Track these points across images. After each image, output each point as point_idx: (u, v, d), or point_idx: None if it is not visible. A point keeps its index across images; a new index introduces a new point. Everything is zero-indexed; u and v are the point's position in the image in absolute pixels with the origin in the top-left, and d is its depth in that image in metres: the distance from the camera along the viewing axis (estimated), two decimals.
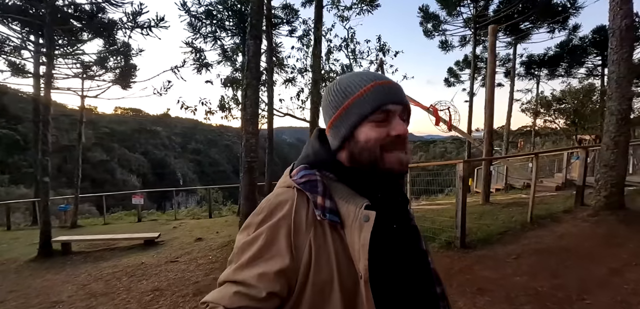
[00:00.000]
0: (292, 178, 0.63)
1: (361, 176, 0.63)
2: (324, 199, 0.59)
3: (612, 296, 2.83)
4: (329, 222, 0.58)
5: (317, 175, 0.62)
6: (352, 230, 0.57)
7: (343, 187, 0.63)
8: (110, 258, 6.77)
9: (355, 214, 0.58)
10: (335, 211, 0.59)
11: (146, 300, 4.32)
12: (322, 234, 0.58)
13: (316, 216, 0.58)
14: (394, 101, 0.62)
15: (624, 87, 4.84)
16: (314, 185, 0.60)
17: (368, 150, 0.61)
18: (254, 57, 5.37)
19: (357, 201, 0.60)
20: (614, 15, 4.93)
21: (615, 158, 4.87)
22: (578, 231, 4.60)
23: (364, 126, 0.62)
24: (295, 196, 0.60)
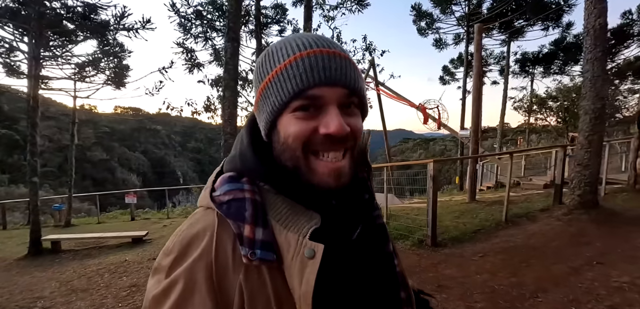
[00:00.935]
0: (214, 195, 0.47)
1: (301, 183, 0.47)
2: (253, 229, 0.44)
3: (564, 295, 2.88)
4: (260, 262, 0.43)
5: (247, 189, 0.46)
6: (291, 269, 0.44)
7: (282, 202, 0.47)
8: (98, 256, 6.91)
9: (296, 246, 0.44)
10: (270, 243, 0.44)
11: (122, 296, 4.45)
12: (256, 276, 0.44)
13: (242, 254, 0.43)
14: (326, 82, 0.44)
15: (598, 86, 4.85)
16: (240, 206, 0.45)
17: (288, 150, 0.46)
18: (232, 58, 5.44)
19: (300, 223, 0.46)
20: (589, 15, 4.94)
21: (589, 157, 4.90)
22: (549, 229, 4.64)
23: (284, 116, 0.46)
24: (215, 224, 0.45)
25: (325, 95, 0.44)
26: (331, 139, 0.44)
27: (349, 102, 0.46)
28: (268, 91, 0.46)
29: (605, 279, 3.04)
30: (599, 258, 3.53)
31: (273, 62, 0.46)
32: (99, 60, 12.21)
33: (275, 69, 0.45)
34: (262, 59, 0.48)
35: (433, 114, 10.28)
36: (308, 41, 0.46)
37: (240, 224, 0.43)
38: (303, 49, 0.45)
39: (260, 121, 0.49)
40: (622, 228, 4.29)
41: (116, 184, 30.87)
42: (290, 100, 0.44)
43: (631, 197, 5.97)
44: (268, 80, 0.46)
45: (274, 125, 0.47)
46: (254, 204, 0.45)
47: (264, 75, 0.47)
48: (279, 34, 11.12)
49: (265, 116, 0.47)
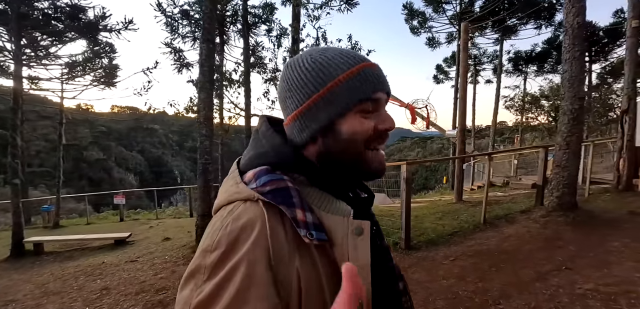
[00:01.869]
0: (251, 186, 0.47)
1: (336, 177, 0.52)
2: (304, 213, 0.46)
3: (527, 302, 2.82)
4: (317, 242, 0.45)
5: (286, 179, 0.48)
6: (343, 247, 0.46)
7: (315, 192, 0.51)
8: (79, 258, 6.86)
9: (344, 227, 0.47)
10: (320, 226, 0.46)
11: (92, 299, 4.42)
12: (309, 259, 0.45)
13: (300, 236, 0.44)
14: (383, 89, 0.52)
15: (576, 86, 4.79)
16: (286, 195, 0.46)
17: (353, 145, 0.51)
18: (207, 60, 5.38)
19: (339, 207, 0.50)
20: (567, 13, 4.88)
21: (567, 158, 4.84)
22: (525, 232, 4.58)
23: (349, 117, 0.50)
24: (264, 212, 0.45)
25: (382, 98, 0.52)
26: (384, 135, 0.53)
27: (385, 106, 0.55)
28: (333, 95, 0.50)
29: (570, 285, 2.98)
30: (569, 262, 3.48)
31: (331, 71, 0.50)
32: (89, 60, 12.18)
33: (339, 77, 0.50)
34: (309, 67, 0.51)
35: (422, 113, 10.21)
36: (358, 55, 0.53)
37: (293, 208, 0.45)
38: (360, 61, 0.52)
39: (306, 123, 0.52)
40: (598, 231, 4.23)
41: (113, 183, 30.83)
42: (359, 102, 0.50)
43: (613, 198, 5.90)
44: (331, 86, 0.50)
45: (332, 126, 0.51)
46: (298, 192, 0.48)
47: (321, 82, 0.50)
48: (266, 34, 11.05)
49: (325, 118, 0.50)
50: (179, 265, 5.27)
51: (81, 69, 11.38)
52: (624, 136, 6.08)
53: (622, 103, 6.18)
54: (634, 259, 3.32)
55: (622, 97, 6.15)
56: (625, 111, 6.09)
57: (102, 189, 26.14)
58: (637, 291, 2.70)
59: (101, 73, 12.37)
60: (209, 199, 5.71)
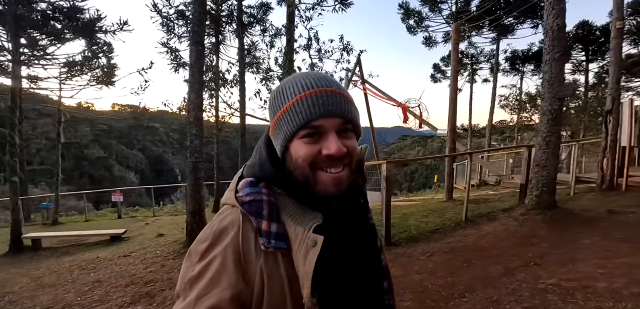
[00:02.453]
0: (237, 196, 0.58)
1: (305, 190, 0.59)
2: (269, 224, 0.55)
3: (489, 296, 2.95)
4: (274, 249, 0.55)
5: (264, 193, 0.58)
6: (298, 254, 0.54)
7: (293, 204, 0.58)
8: (75, 253, 7.05)
9: (302, 237, 0.55)
10: (283, 235, 0.56)
11: (84, 290, 4.60)
12: (273, 260, 0.55)
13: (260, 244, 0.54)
14: (326, 114, 0.56)
15: (555, 87, 4.88)
16: (258, 206, 0.56)
17: (299, 168, 0.57)
18: (196, 62, 5.51)
19: (306, 219, 0.56)
20: (548, 15, 4.97)
21: (546, 158, 4.94)
22: (503, 230, 4.70)
23: (294, 142, 0.57)
24: (240, 219, 0.56)
25: (325, 124, 0.56)
26: (332, 158, 0.56)
27: (345, 128, 0.58)
28: (281, 122, 0.58)
29: (534, 280, 3.10)
30: (538, 258, 3.59)
31: (284, 98, 0.58)
32: (87, 59, 12.36)
33: (286, 105, 0.57)
34: (276, 95, 0.60)
35: (415, 112, 10.31)
36: (312, 81, 0.58)
37: (259, 220, 0.55)
38: (307, 88, 0.57)
39: (275, 143, 0.61)
40: (572, 230, 4.34)
41: (114, 181, 31.09)
42: (299, 129, 0.56)
43: (596, 197, 6.00)
44: (281, 113, 0.58)
45: (287, 148, 0.58)
46: (270, 204, 0.57)
47: (277, 109, 0.59)
48: (261, 34, 11.17)
49: (280, 141, 0.59)
50: (169, 260, 5.44)
51: (79, 68, 11.56)
52: (607, 135, 6.17)
53: (607, 103, 6.27)
54: (600, 256, 3.43)
55: (607, 98, 6.23)
56: (609, 111, 6.17)
57: (103, 186, 26.38)
58: (594, 287, 2.82)
59: (99, 72, 12.57)
60: (198, 197, 5.87)
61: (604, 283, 2.84)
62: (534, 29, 14.96)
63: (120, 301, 4.13)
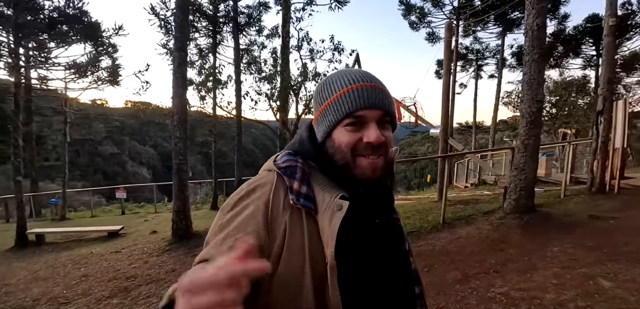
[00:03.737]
0: (276, 163, 0.64)
1: (342, 170, 0.64)
2: (300, 185, 0.60)
3: (438, 303, 2.96)
4: (304, 207, 0.59)
5: (299, 161, 0.63)
6: (324, 216, 0.58)
7: (324, 178, 0.64)
8: (74, 248, 7.40)
9: (329, 202, 0.59)
10: (311, 197, 0.60)
11: (71, 284, 4.88)
12: (298, 218, 0.59)
13: (290, 199, 0.59)
14: (368, 106, 0.62)
15: (534, 89, 4.77)
16: (293, 170, 0.62)
17: (340, 153, 0.63)
18: (180, 67, 5.66)
19: (334, 191, 0.61)
20: (528, 14, 4.84)
21: (524, 162, 4.84)
22: (477, 233, 4.65)
23: (338, 129, 0.63)
24: (275, 178, 0.63)
25: (367, 115, 0.62)
26: (371, 146, 0.62)
27: (384, 120, 0.64)
28: (327, 111, 0.64)
29: (486, 289, 3.09)
30: (500, 266, 3.57)
31: (331, 90, 0.65)
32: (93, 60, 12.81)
33: (333, 96, 0.64)
34: (322, 87, 0.67)
35: (411, 109, 10.22)
36: (357, 76, 0.64)
37: (292, 180, 0.61)
38: (353, 82, 0.63)
39: (318, 130, 0.68)
40: (545, 235, 4.25)
41: (126, 177, 32.16)
42: (343, 118, 0.62)
43: (584, 201, 5.82)
44: (328, 103, 0.64)
45: (329, 134, 0.65)
46: (303, 171, 0.63)
47: (324, 99, 0.65)
48: (257, 34, 11.28)
49: (324, 128, 0.65)
50: (152, 256, 5.66)
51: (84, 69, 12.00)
52: (598, 137, 5.96)
53: (598, 104, 6.05)
54: (562, 265, 3.37)
55: (598, 98, 6.01)
56: (600, 111, 5.96)
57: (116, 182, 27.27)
58: (543, 298, 2.79)
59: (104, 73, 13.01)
60: (183, 197, 6.06)
61: (553, 294, 2.81)
62: None
63: (100, 294, 4.37)
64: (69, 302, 4.34)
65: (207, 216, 10.07)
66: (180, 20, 5.64)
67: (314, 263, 0.57)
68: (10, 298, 4.76)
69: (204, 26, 11.42)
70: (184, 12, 5.73)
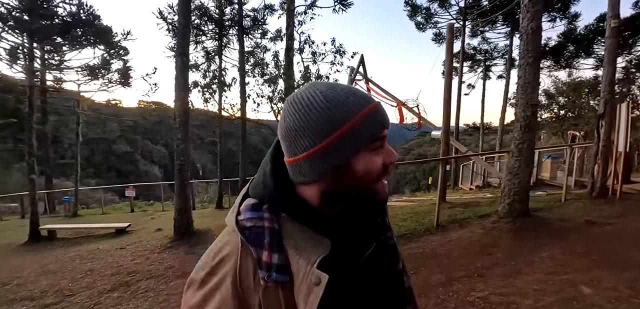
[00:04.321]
0: (239, 219, 0.55)
1: (328, 216, 0.55)
2: (270, 255, 0.51)
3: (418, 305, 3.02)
4: (275, 283, 0.50)
5: (266, 218, 0.53)
6: (299, 292, 0.50)
7: (298, 229, 0.53)
8: (83, 244, 7.73)
9: (305, 272, 0.51)
10: (285, 266, 0.51)
11: (77, 278, 5.14)
12: (273, 294, 0.51)
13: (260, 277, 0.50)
14: (388, 126, 0.56)
15: (529, 93, 4.74)
16: (259, 235, 0.52)
17: (367, 180, 0.54)
18: (181, 73, 5.85)
19: (311, 251, 0.52)
20: (523, 17, 4.82)
21: (518, 166, 4.82)
22: (468, 237, 4.66)
23: (363, 154, 0.53)
24: (239, 247, 0.53)
25: (386, 135, 0.56)
26: (389, 167, 0.56)
27: None
28: (348, 136, 0.51)
29: (466, 293, 3.13)
30: (486, 270, 3.59)
31: (347, 110, 0.51)
32: (105, 63, 13.28)
33: (355, 117, 0.51)
34: (328, 108, 0.51)
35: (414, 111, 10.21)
36: (366, 97, 0.55)
37: (260, 250, 0.51)
38: (369, 102, 0.54)
39: (316, 165, 0.52)
40: (536, 241, 4.23)
41: (139, 175, 33.03)
42: (373, 141, 0.53)
43: (584, 206, 5.73)
44: (348, 127, 0.51)
45: (346, 166, 0.52)
46: (271, 232, 0.52)
47: (339, 123, 0.51)
48: (261, 37, 11.47)
49: (340, 157, 0.51)
50: (154, 253, 5.87)
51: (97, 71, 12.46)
52: (599, 140, 5.86)
53: (600, 107, 5.94)
54: (547, 271, 3.38)
55: (601, 103, 5.91)
56: (601, 115, 5.85)
57: (129, 180, 28.14)
58: (521, 303, 2.82)
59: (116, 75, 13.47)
60: (184, 196, 6.26)
61: (531, 300, 2.83)
62: (552, 23, 14.15)
63: (102, 288, 4.59)
64: (73, 294, 4.58)
65: (212, 215, 10.32)
66: (182, 26, 5.83)
67: None
68: (20, 290, 5.03)
69: (210, 29, 11.68)
70: (185, 18, 5.92)
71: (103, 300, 4.25)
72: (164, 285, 4.52)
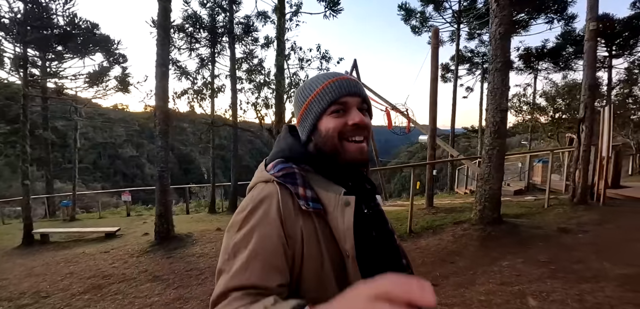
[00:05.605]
0: (269, 172, 0.66)
1: (332, 166, 0.68)
2: (304, 190, 0.63)
3: None
4: (314, 210, 0.61)
5: (294, 167, 0.65)
6: (334, 215, 0.62)
7: (319, 178, 0.67)
8: (73, 247, 7.89)
9: (336, 200, 0.63)
10: (317, 199, 0.63)
11: (57, 280, 5.28)
12: (310, 221, 0.62)
13: (301, 206, 0.61)
14: (349, 93, 0.68)
15: (497, 98, 4.69)
16: (293, 177, 0.63)
17: (329, 138, 0.67)
18: (161, 82, 5.97)
19: (335, 188, 0.65)
20: (491, 22, 4.78)
21: (489, 172, 4.76)
22: (436, 245, 4.61)
23: (324, 118, 0.68)
24: (277, 188, 0.63)
25: (349, 101, 0.68)
26: (357, 127, 0.67)
27: (363, 107, 0.70)
28: (312, 105, 0.69)
29: None
30: (442, 279, 3.55)
31: (312, 87, 0.70)
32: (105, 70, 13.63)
33: (316, 90, 0.69)
34: (303, 88, 0.72)
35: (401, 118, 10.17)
36: (333, 75, 0.71)
37: (296, 186, 0.63)
38: (333, 77, 0.70)
39: (303, 127, 0.72)
40: (502, 249, 4.16)
41: (144, 179, 33.60)
42: (329, 105, 0.67)
43: (564, 212, 5.59)
44: (311, 98, 0.69)
45: (315, 127, 0.69)
46: (302, 176, 0.65)
47: (306, 97, 0.70)
48: (253, 43, 11.60)
49: (310, 122, 0.70)
50: (133, 257, 5.98)
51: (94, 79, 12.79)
52: (580, 145, 5.73)
53: (580, 111, 5.82)
54: (501, 281, 3.32)
55: (581, 107, 5.79)
56: (581, 119, 5.72)
57: (135, 184, 28.69)
58: None
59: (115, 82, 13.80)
60: (165, 202, 6.36)
61: None
62: (549, 24, 13.91)
63: (76, 290, 4.72)
64: (48, 296, 4.71)
65: (201, 219, 10.45)
66: (161, 37, 5.96)
67: (331, 258, 0.61)
68: (2, 291, 5.19)
69: (204, 37, 11.87)
70: (165, 31, 6.05)
71: (74, 302, 4.37)
72: (133, 288, 4.60)
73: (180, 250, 6.04)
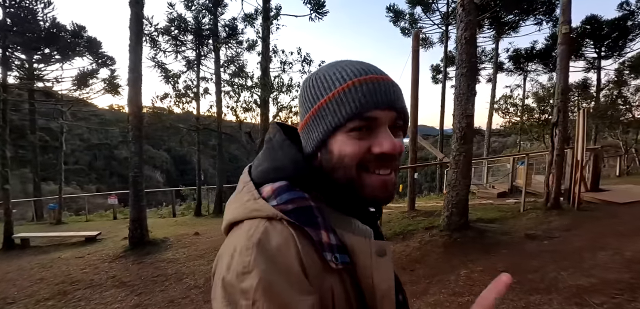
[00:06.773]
0: (271, 203, 0.46)
1: (345, 198, 0.49)
2: (328, 235, 0.44)
3: None
4: (341, 266, 0.44)
5: (307, 197, 0.46)
6: (367, 269, 0.45)
7: (330, 211, 0.48)
8: (51, 252, 7.85)
9: (366, 249, 0.46)
10: (343, 247, 0.45)
11: (26, 286, 5.27)
12: (338, 278, 0.44)
13: (327, 260, 0.43)
14: (381, 106, 0.46)
15: (464, 104, 4.65)
16: (310, 215, 0.45)
17: (343, 168, 0.47)
18: (134, 87, 5.94)
19: (360, 228, 0.48)
20: (458, 27, 4.74)
21: (455, 178, 4.72)
22: (402, 250, 4.57)
23: (339, 136, 0.47)
24: (293, 233, 0.43)
25: (378, 117, 0.46)
26: (383, 158, 0.46)
27: (397, 125, 0.49)
28: (323, 112, 0.47)
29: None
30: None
31: (328, 85, 0.48)
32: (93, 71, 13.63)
33: (333, 91, 0.47)
34: (314, 82, 0.49)
35: None
36: (362, 68, 0.48)
37: (318, 231, 0.44)
38: (359, 74, 0.47)
39: (308, 137, 0.50)
40: (465, 256, 4.13)
41: None
42: (348, 120, 0.45)
43: (537, 217, 5.56)
44: (324, 101, 0.47)
45: (325, 143, 0.48)
46: (321, 211, 0.46)
47: (318, 97, 0.48)
48: (238, 45, 11.57)
49: (318, 135, 0.48)
50: (105, 262, 5.94)
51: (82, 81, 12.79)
52: (553, 150, 5.69)
53: (553, 115, 5.78)
54: (452, 292, 3.28)
55: (555, 110, 5.75)
56: (555, 123, 5.68)
57: None
58: None
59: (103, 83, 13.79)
60: (139, 207, 6.33)
61: None
62: (538, 26, 13.88)
63: (41, 296, 4.69)
64: (15, 302, 4.68)
65: (185, 223, 10.41)
66: (133, 43, 5.93)
67: None
68: None
69: (189, 40, 11.86)
70: (137, 36, 6.02)
71: (38, 308, 4.36)
72: (97, 295, 4.58)
73: (152, 255, 6.01)
